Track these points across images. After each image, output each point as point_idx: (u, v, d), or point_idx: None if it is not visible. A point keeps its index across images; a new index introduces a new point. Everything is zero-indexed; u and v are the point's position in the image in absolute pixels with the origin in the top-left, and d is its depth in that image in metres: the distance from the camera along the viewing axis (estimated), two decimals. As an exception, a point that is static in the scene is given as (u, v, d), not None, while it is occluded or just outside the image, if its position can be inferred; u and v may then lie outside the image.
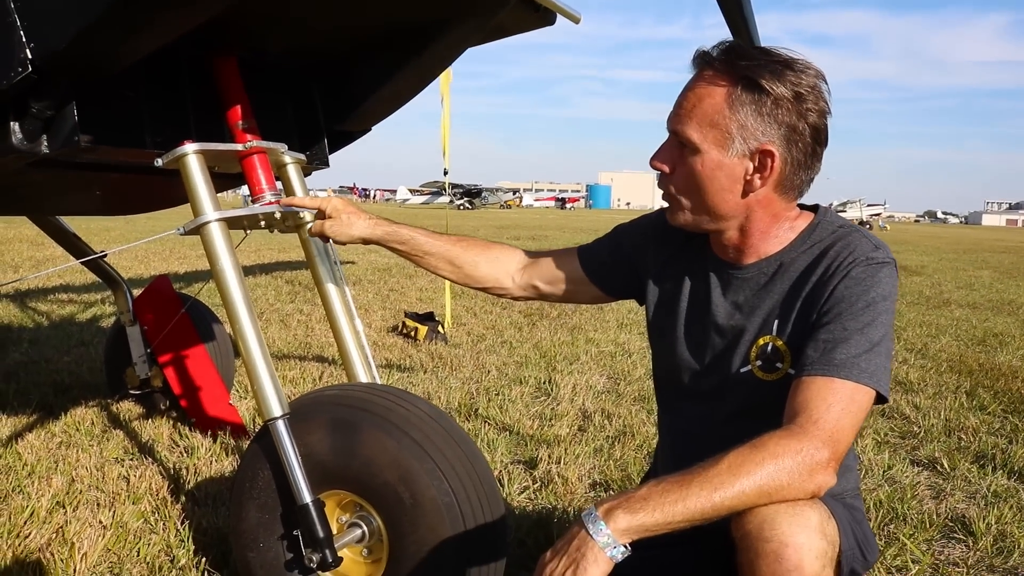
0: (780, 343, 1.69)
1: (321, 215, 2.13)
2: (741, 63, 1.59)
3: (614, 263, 2.02)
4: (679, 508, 1.37)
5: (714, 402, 1.80)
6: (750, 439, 1.44)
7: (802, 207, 1.76)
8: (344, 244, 2.14)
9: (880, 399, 1.55)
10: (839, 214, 1.77)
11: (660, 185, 1.74)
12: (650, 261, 1.94)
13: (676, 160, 1.67)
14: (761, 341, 1.72)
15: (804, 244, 1.70)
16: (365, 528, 2.09)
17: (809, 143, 1.61)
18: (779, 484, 1.40)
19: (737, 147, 1.60)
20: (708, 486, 1.38)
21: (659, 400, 2.03)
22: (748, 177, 1.62)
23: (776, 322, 1.70)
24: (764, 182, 1.62)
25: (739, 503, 1.39)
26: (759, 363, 1.72)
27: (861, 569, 1.63)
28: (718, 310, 1.79)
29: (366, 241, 2.09)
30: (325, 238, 2.15)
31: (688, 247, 1.87)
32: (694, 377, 1.85)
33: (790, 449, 1.42)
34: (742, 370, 1.74)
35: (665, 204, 1.78)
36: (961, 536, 2.95)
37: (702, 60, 1.63)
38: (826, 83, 1.62)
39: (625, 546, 1.37)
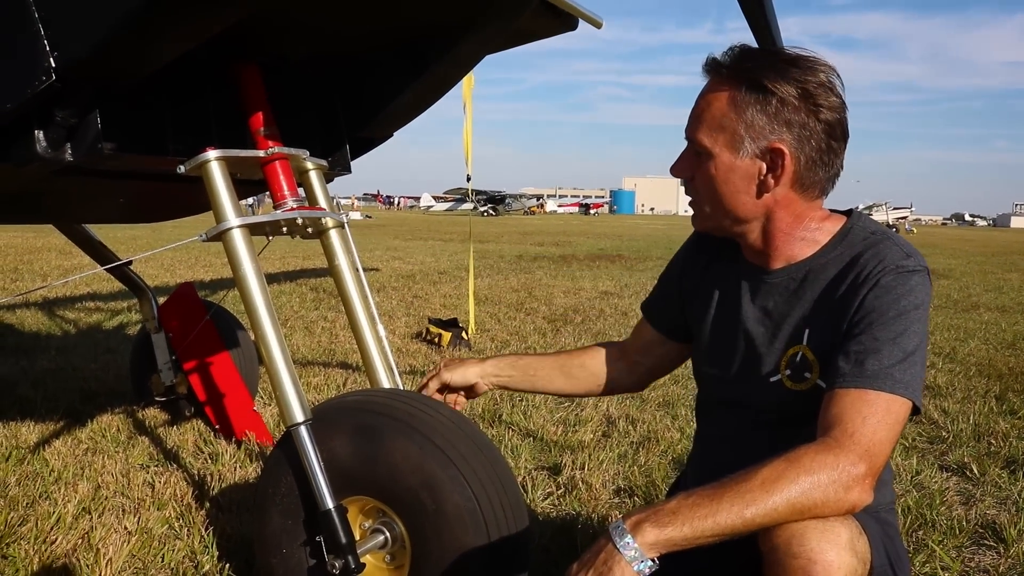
0: (809, 353, 1.67)
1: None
2: (746, 65, 1.60)
3: (669, 301, 2.02)
4: (709, 523, 1.35)
5: (746, 410, 1.79)
6: (783, 449, 1.42)
7: (835, 212, 1.75)
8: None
9: (915, 410, 1.52)
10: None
11: (686, 193, 1.75)
12: (689, 277, 1.95)
13: (694, 167, 1.68)
14: (791, 351, 1.70)
15: (834, 250, 1.67)
16: (388, 534, 2.08)
17: (823, 139, 1.60)
18: (813, 501, 1.37)
19: (747, 148, 1.60)
20: (740, 501, 1.35)
21: (696, 406, 2.03)
22: (762, 177, 1.62)
23: (806, 331, 1.68)
24: (778, 181, 1.62)
25: (771, 520, 1.36)
26: (788, 372, 1.70)
27: None
28: (747, 315, 1.77)
29: (484, 388, 2.17)
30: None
31: (723, 255, 1.86)
32: (725, 384, 1.83)
33: (826, 464, 1.39)
34: (772, 379, 1.73)
35: (691, 211, 1.79)
36: (992, 543, 2.90)
37: (711, 66, 1.65)
38: (839, 78, 1.61)
39: (653, 560, 1.35)
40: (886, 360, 1.50)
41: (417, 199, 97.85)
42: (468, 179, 7.49)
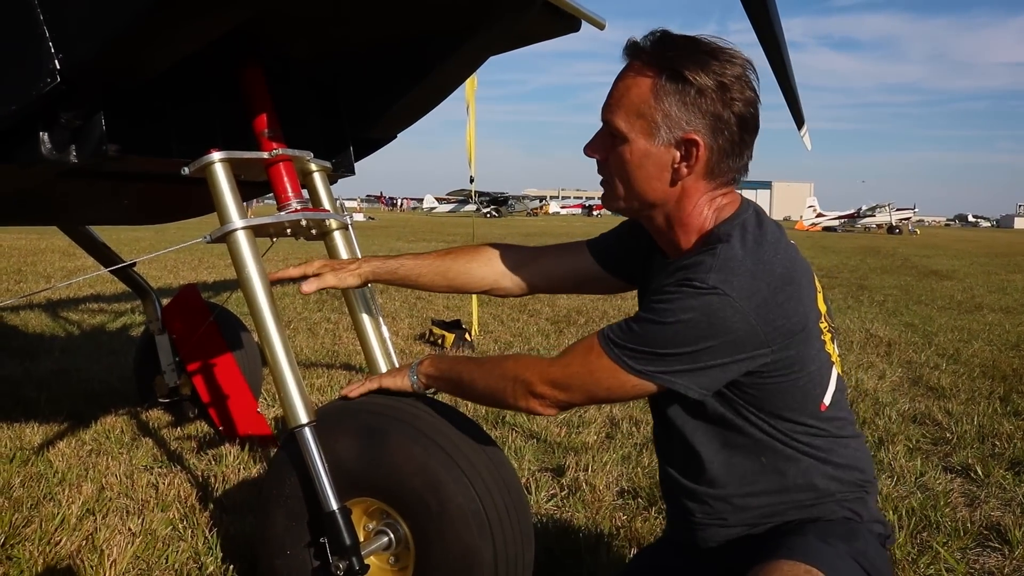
0: None
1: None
2: (668, 53, 1.61)
3: (625, 250, 2.03)
4: (455, 374, 1.95)
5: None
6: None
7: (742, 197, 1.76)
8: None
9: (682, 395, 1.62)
10: (867, 216, 1.74)
11: (599, 172, 1.77)
12: (644, 253, 1.95)
13: (608, 148, 1.70)
14: None
15: (695, 254, 1.67)
16: (392, 535, 2.08)
17: (735, 131, 1.62)
18: (504, 392, 1.79)
19: (663, 136, 1.62)
20: (476, 372, 1.88)
21: None
22: (675, 165, 1.64)
23: None
24: (691, 170, 1.64)
25: (480, 391, 1.87)
26: None
27: None
28: (645, 297, 1.83)
29: (361, 283, 2.22)
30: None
31: (653, 244, 1.88)
32: None
33: (526, 374, 1.76)
34: None
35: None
36: (996, 544, 2.90)
37: (632, 50, 1.66)
38: (754, 72, 1.64)
39: (421, 381, 2.04)
40: (625, 336, 1.62)
41: (420, 200, 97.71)
42: (471, 180, 7.49)
